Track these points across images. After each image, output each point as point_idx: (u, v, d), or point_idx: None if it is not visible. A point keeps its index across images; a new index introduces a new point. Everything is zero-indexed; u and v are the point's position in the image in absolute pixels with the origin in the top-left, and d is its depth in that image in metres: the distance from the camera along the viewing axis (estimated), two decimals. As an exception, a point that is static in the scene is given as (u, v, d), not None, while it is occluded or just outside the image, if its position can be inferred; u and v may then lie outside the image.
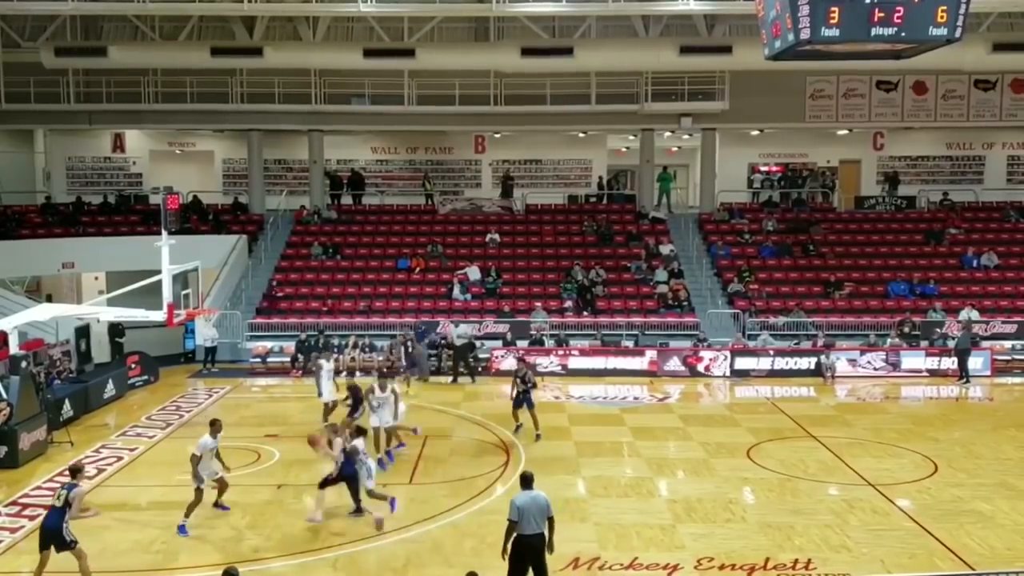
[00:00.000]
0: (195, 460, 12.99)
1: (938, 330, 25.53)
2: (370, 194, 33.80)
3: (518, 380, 17.81)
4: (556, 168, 34.88)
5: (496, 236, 30.89)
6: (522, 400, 17.71)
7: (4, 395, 16.43)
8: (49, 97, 30.03)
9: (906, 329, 25.58)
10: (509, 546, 10.03)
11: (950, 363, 24.03)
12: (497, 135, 34.06)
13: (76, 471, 11.41)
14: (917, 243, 30.68)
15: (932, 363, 24.37)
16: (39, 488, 14.75)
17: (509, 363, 24.41)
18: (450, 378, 23.86)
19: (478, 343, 25.07)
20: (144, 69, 29.97)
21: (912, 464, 16.05)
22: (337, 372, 24.23)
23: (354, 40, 30.35)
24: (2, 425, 15.63)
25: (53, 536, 10.74)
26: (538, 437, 17.46)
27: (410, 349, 23.25)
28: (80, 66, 29.67)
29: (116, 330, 25.22)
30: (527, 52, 27.63)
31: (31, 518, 13.29)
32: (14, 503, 13.98)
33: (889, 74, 31.59)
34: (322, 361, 19.10)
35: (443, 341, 24.77)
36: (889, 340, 25.15)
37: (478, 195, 33.99)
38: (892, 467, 15.85)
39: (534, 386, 18.03)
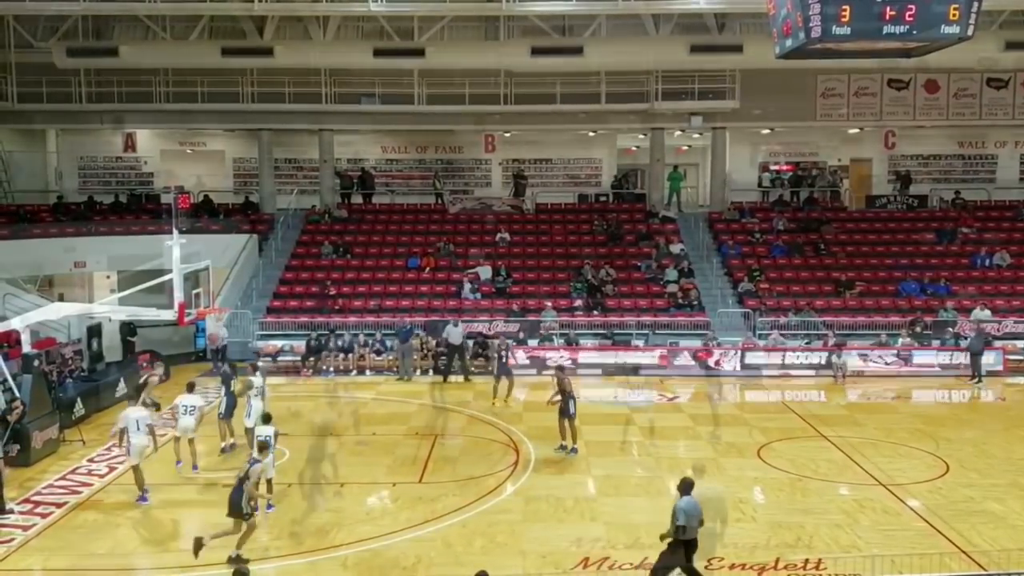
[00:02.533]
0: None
1: (950, 329, 25.41)
2: (380, 193, 33.82)
3: (564, 391, 16.67)
4: (566, 167, 34.87)
5: (506, 235, 30.89)
6: (565, 411, 16.65)
7: (17, 393, 16.51)
8: (61, 97, 30.16)
9: (917, 328, 25.47)
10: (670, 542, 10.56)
11: (962, 358, 23.92)
12: (507, 134, 34.02)
13: (263, 447, 13.28)
14: (929, 242, 30.52)
15: (944, 359, 24.32)
16: (51, 486, 14.85)
17: (519, 361, 24.44)
18: (461, 376, 23.77)
19: (492, 342, 25.04)
20: (155, 69, 30.07)
21: (923, 464, 15.98)
22: (347, 371, 24.58)
23: (364, 40, 30.36)
24: (15, 423, 15.71)
25: (234, 505, 11.64)
26: (574, 450, 16.47)
27: (503, 358, 21.89)
28: (92, 66, 29.78)
29: (128, 329, 25.31)
30: (537, 51, 27.58)
31: (43, 515, 13.41)
32: (26, 501, 14.05)
33: (901, 72, 31.43)
34: (252, 379, 16.71)
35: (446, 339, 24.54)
36: (900, 339, 25.05)
37: (488, 194, 33.96)
38: (903, 467, 15.78)
39: (572, 396, 16.71)
